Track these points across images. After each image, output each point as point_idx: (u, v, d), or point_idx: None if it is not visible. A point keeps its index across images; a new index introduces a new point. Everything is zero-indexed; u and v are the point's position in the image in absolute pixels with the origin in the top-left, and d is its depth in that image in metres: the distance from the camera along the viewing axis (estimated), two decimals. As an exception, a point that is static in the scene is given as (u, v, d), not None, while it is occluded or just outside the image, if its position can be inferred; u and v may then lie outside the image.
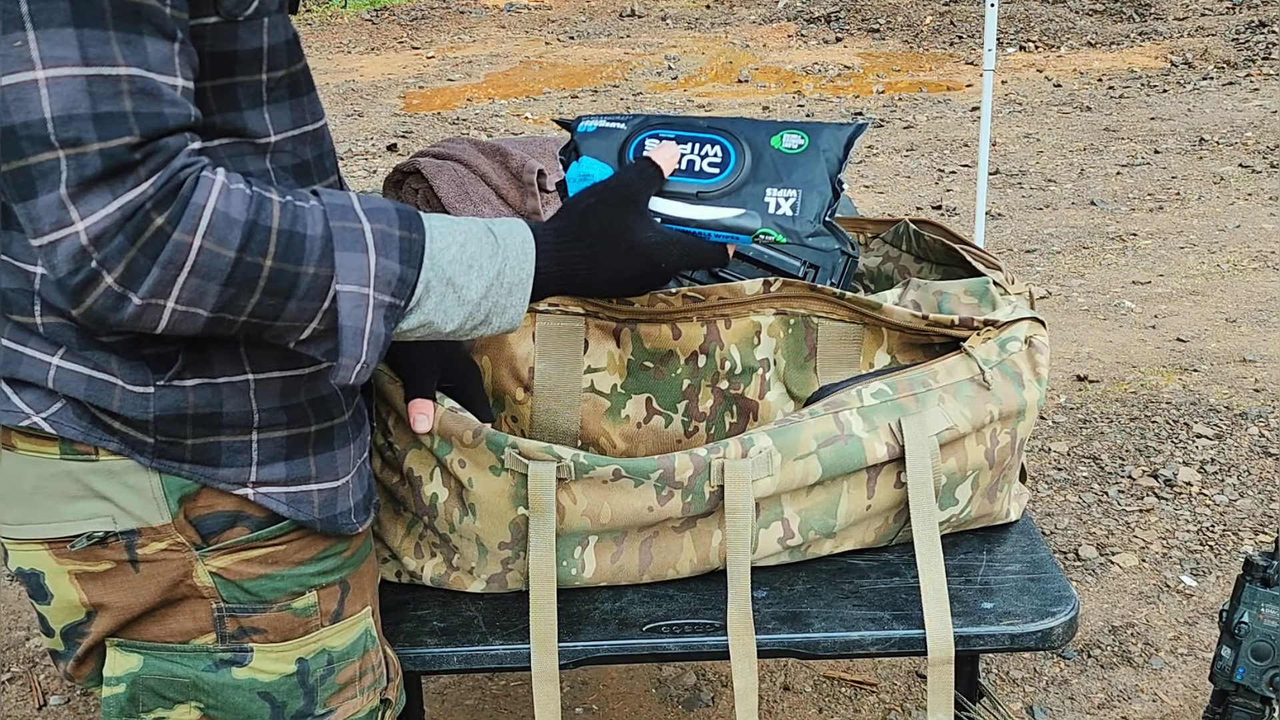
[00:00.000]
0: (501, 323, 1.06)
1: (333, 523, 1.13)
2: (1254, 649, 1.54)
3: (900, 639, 1.33)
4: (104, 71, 0.86)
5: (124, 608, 1.09)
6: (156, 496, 1.06)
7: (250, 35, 1.00)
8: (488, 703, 2.36)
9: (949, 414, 1.38)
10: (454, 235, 1.03)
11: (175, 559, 1.08)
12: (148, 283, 0.89)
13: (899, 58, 8.67)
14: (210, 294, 0.92)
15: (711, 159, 1.24)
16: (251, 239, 0.92)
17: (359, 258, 0.97)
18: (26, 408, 1.03)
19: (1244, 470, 3.08)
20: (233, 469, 1.07)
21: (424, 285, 1.00)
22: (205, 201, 0.90)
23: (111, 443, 1.04)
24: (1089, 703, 2.32)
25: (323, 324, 0.97)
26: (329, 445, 1.12)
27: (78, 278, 0.88)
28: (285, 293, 0.94)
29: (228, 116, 1.02)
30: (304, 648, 1.14)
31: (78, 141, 0.86)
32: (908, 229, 1.70)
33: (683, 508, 1.32)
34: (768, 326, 1.44)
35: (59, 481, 1.05)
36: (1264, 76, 7.42)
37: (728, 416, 1.45)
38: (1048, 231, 4.95)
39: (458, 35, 10.14)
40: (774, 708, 2.34)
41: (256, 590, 1.11)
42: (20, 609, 2.70)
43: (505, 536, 1.34)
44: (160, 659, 1.11)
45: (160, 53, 0.89)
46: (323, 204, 0.97)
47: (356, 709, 1.19)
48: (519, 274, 1.06)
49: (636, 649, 1.33)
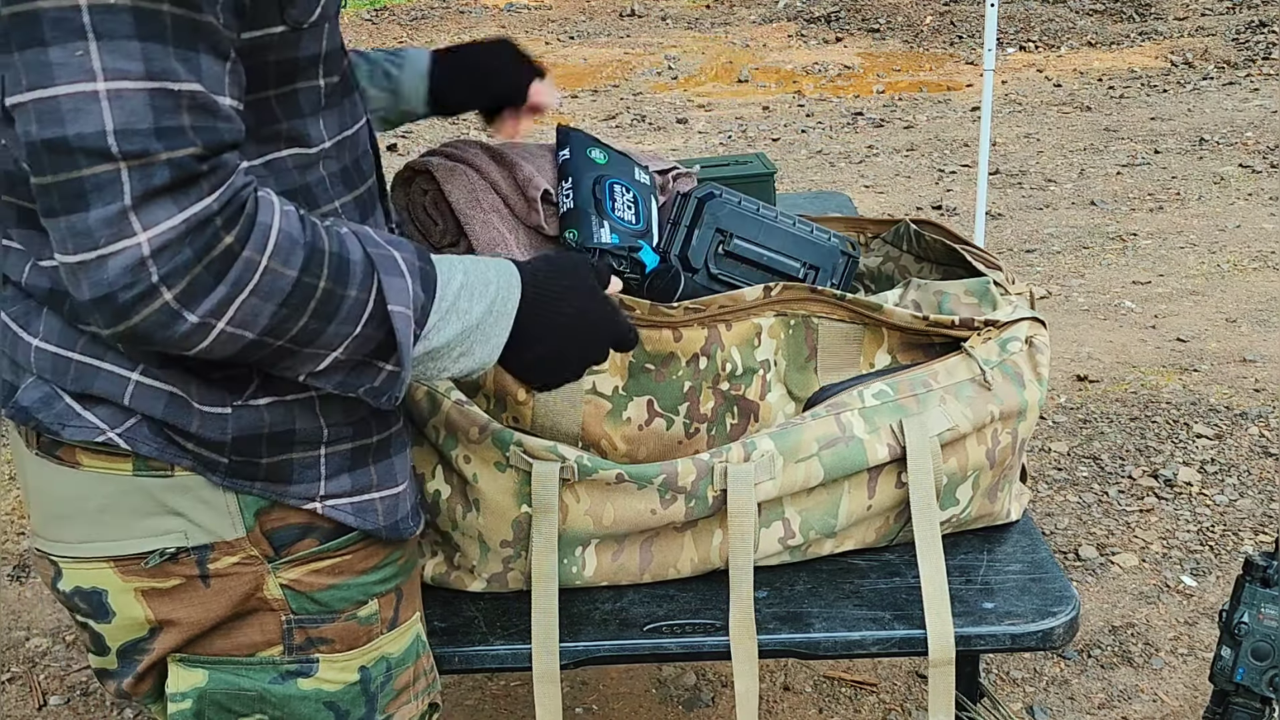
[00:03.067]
0: (482, 354, 1.06)
1: (395, 529, 1.13)
2: (1254, 649, 1.54)
3: (901, 639, 1.33)
4: (167, 86, 0.85)
5: (193, 623, 1.08)
6: (232, 511, 1.05)
7: (312, 42, 1.01)
8: (488, 703, 2.37)
9: (950, 414, 1.39)
10: (456, 266, 1.04)
11: (248, 573, 1.08)
12: (210, 301, 0.88)
13: (899, 58, 8.67)
14: (264, 315, 0.91)
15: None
16: (311, 259, 0.92)
17: (401, 281, 0.98)
18: (100, 423, 1.02)
19: (1244, 470, 3.08)
20: (303, 485, 1.07)
21: (436, 314, 1.01)
22: (271, 221, 0.90)
23: (185, 460, 1.03)
24: (1089, 703, 2.32)
25: (345, 353, 0.97)
26: (388, 453, 1.13)
27: (132, 292, 0.86)
28: (329, 315, 0.94)
29: (293, 124, 1.02)
30: (366, 656, 1.15)
31: (143, 153, 0.84)
32: (908, 229, 1.70)
33: (685, 512, 1.33)
34: (768, 328, 1.44)
35: (131, 498, 1.04)
36: (1264, 76, 7.42)
37: (729, 418, 1.45)
38: (1048, 231, 4.95)
39: (458, 35, 10.15)
40: (774, 708, 2.34)
41: (326, 600, 1.11)
42: (20, 609, 2.70)
43: (507, 534, 1.34)
44: (226, 673, 1.11)
45: (214, 71, 0.89)
46: (354, 231, 0.98)
47: (411, 714, 1.20)
48: (506, 304, 1.07)
49: (637, 649, 1.33)
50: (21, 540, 2.96)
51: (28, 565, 2.85)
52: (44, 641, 2.59)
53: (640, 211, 1.49)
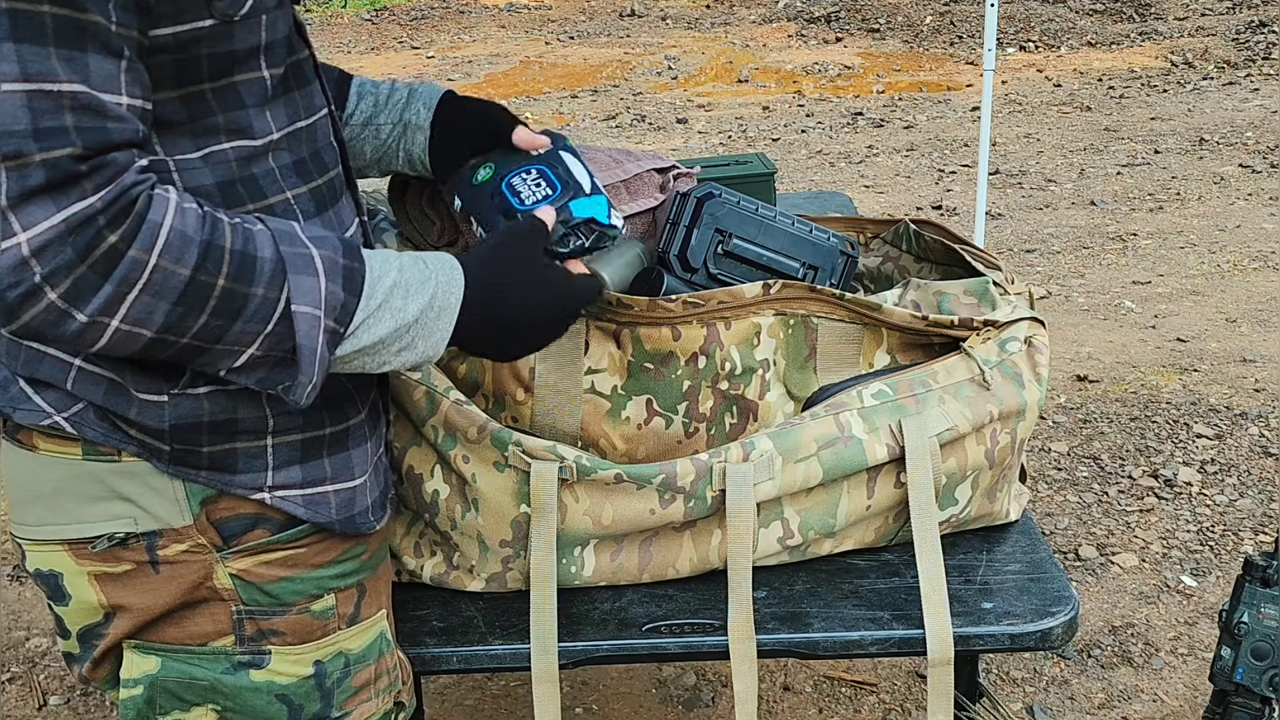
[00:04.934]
0: (426, 348, 1.06)
1: (351, 523, 1.13)
2: (1254, 649, 1.54)
3: (900, 639, 1.33)
4: (44, 87, 0.86)
5: (144, 609, 1.09)
6: (178, 498, 1.06)
7: (247, 34, 1.00)
8: (487, 703, 2.36)
9: (949, 414, 1.38)
10: (391, 264, 1.04)
11: (196, 561, 1.08)
12: (97, 300, 0.89)
13: (899, 58, 8.67)
14: (159, 313, 0.91)
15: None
16: (207, 258, 0.92)
17: (311, 280, 0.97)
18: (48, 407, 1.03)
19: (1244, 470, 3.08)
20: (249, 474, 1.07)
21: (363, 313, 1.01)
22: (161, 219, 0.90)
23: (130, 446, 1.04)
24: (1089, 703, 2.32)
25: (260, 349, 0.97)
26: (344, 446, 1.13)
27: (17, 291, 0.87)
28: (233, 314, 0.94)
29: (232, 116, 1.02)
30: (321, 650, 1.14)
31: (18, 154, 0.85)
32: (908, 229, 1.70)
33: (685, 512, 1.32)
34: (768, 327, 1.44)
35: (81, 482, 1.05)
36: (1264, 76, 7.42)
37: (728, 417, 1.45)
38: (1048, 231, 4.95)
39: (458, 35, 10.14)
40: (774, 708, 2.34)
41: (276, 593, 1.11)
42: (20, 609, 2.70)
43: (507, 534, 1.34)
44: (178, 661, 1.11)
45: (104, 70, 0.89)
46: (270, 229, 0.98)
47: (371, 712, 1.20)
48: (448, 299, 1.06)
49: (636, 649, 1.33)
50: (21, 540, 2.96)
51: (27, 565, 2.85)
52: (44, 641, 2.59)
53: (554, 177, 1.36)
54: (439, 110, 1.38)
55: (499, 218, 1.31)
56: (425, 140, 1.38)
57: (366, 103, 1.39)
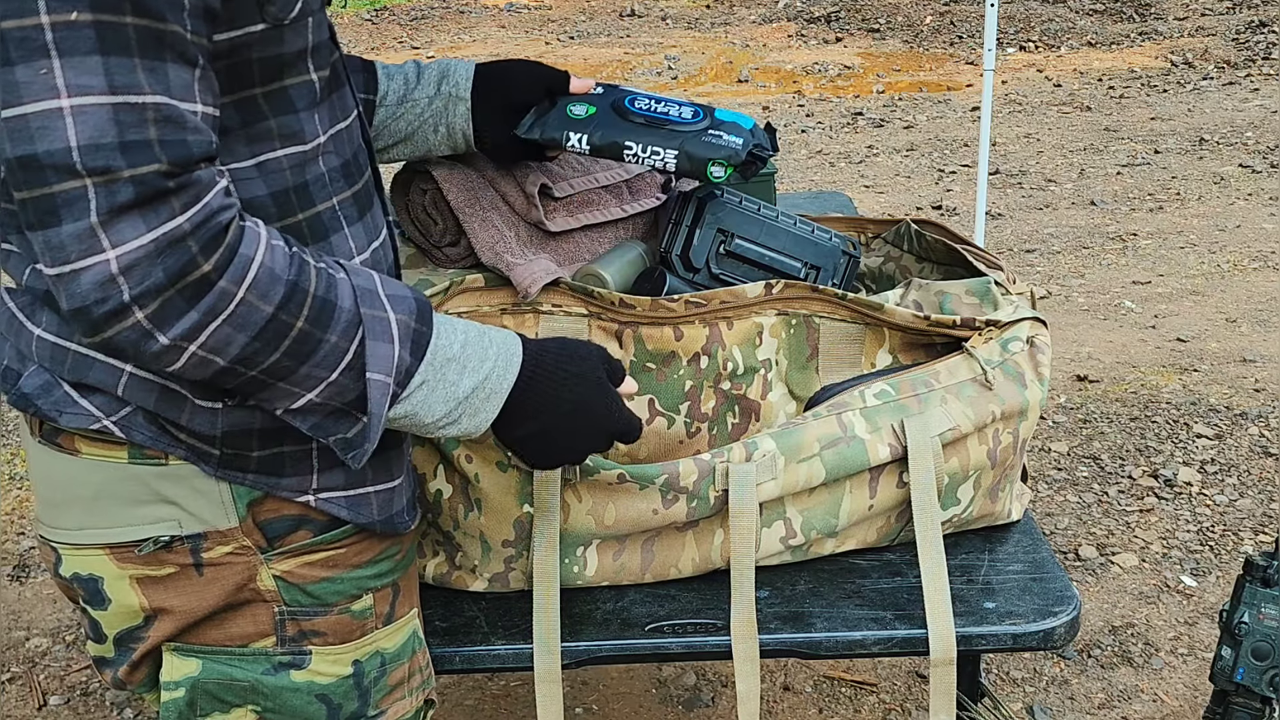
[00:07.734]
0: (470, 425, 1.07)
1: (390, 523, 1.14)
2: (1254, 649, 1.54)
3: (902, 639, 1.33)
4: (130, 100, 0.86)
5: (186, 612, 1.09)
6: (225, 501, 1.06)
7: (296, 37, 1.01)
8: (488, 703, 2.37)
9: (951, 414, 1.39)
10: (456, 333, 1.05)
11: (240, 563, 1.08)
12: (181, 325, 0.89)
13: (899, 58, 8.67)
14: (235, 345, 0.92)
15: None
16: (291, 298, 0.93)
17: (388, 348, 0.99)
18: (96, 411, 1.03)
19: (1244, 470, 3.08)
20: (295, 478, 1.08)
21: (421, 377, 1.02)
22: (253, 254, 0.91)
23: (179, 449, 1.04)
24: (1089, 703, 2.32)
25: (320, 396, 0.98)
26: (383, 447, 1.13)
27: (104, 307, 0.87)
28: (303, 356, 0.95)
29: (283, 121, 1.02)
30: (360, 650, 1.15)
31: (107, 169, 0.85)
32: (909, 229, 1.70)
33: (687, 512, 1.33)
34: (769, 327, 1.44)
35: (126, 485, 1.05)
36: (1264, 76, 7.43)
37: (730, 417, 1.45)
38: (1048, 231, 4.95)
39: (458, 35, 10.14)
40: (774, 708, 2.34)
41: (318, 593, 1.11)
42: (20, 609, 2.70)
43: (509, 534, 1.34)
44: (219, 663, 1.11)
45: (182, 79, 0.89)
46: (352, 281, 0.99)
47: (405, 710, 1.21)
48: (501, 383, 1.07)
49: (638, 649, 1.33)
50: (22, 540, 2.96)
51: (28, 565, 2.85)
52: (44, 641, 2.59)
53: (667, 99, 1.44)
54: (476, 80, 1.42)
55: (658, 133, 1.40)
56: (467, 110, 1.42)
57: (397, 82, 1.42)
